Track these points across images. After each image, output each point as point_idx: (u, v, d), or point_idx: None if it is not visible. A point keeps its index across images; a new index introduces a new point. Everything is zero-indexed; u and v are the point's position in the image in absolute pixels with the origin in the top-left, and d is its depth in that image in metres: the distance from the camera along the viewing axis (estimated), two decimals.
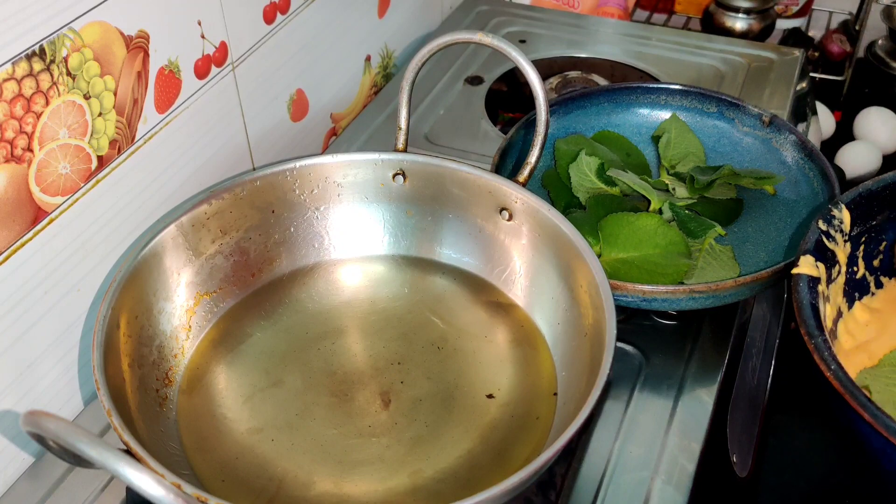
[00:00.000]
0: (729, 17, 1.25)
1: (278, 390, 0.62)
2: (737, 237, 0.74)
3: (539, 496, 0.57)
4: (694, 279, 0.68)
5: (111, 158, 0.63)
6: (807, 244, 0.61)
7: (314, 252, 0.71)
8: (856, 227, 0.65)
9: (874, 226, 0.66)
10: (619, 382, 0.65)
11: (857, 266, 0.66)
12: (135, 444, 0.48)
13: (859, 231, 0.65)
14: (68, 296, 0.62)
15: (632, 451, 0.60)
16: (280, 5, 0.79)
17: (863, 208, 0.65)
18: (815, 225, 0.62)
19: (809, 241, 0.61)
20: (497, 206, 0.67)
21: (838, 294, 0.64)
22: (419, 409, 0.60)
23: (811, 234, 0.62)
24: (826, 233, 0.62)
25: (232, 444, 0.58)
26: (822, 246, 0.62)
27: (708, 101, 0.83)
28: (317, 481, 0.56)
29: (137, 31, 0.63)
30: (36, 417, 0.42)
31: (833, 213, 0.63)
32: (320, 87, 0.89)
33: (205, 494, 0.45)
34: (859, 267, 0.66)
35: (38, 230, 0.58)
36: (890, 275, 0.67)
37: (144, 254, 0.60)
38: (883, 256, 0.67)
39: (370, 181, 0.70)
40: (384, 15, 0.99)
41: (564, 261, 0.62)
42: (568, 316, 0.63)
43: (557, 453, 0.49)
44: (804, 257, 0.60)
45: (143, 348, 0.60)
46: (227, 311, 0.67)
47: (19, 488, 0.60)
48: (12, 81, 0.54)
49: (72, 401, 0.66)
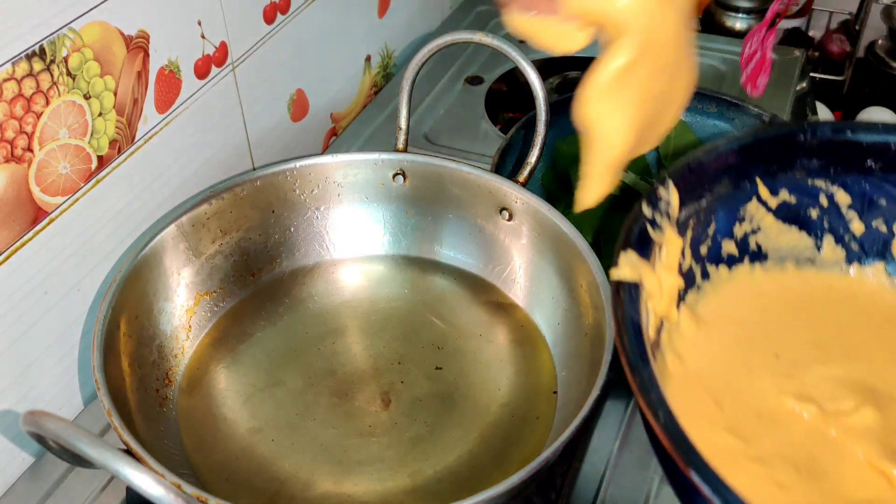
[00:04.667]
0: (729, 16, 1.25)
1: (278, 390, 0.62)
2: None
3: (539, 496, 0.57)
4: None
5: (111, 158, 0.63)
6: (629, 236, 0.48)
7: (314, 252, 0.71)
8: (684, 209, 0.52)
9: (704, 208, 0.54)
10: (619, 382, 0.65)
11: (684, 256, 0.53)
12: (135, 444, 0.48)
13: (687, 214, 0.53)
14: (68, 296, 0.62)
15: (632, 451, 0.60)
16: (280, 5, 0.79)
17: (691, 185, 0.53)
18: (639, 210, 0.49)
19: (632, 231, 0.48)
20: (497, 206, 0.67)
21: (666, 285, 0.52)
22: (419, 409, 0.60)
23: (633, 222, 0.49)
24: (651, 220, 0.50)
25: (232, 444, 0.58)
26: (646, 237, 0.49)
27: (708, 101, 0.83)
28: (317, 481, 0.56)
29: (137, 31, 0.63)
30: (36, 417, 0.43)
31: (659, 192, 0.50)
32: (320, 87, 0.89)
33: (205, 494, 0.45)
34: (685, 256, 0.54)
35: (38, 230, 0.58)
36: (716, 262, 0.56)
37: (144, 254, 0.60)
38: (711, 242, 0.55)
39: (370, 181, 0.70)
40: (384, 15, 0.99)
41: (564, 261, 0.62)
42: (568, 316, 0.63)
43: (557, 453, 0.49)
44: (624, 254, 0.47)
45: (143, 348, 0.60)
46: (227, 311, 0.67)
47: (19, 488, 0.60)
48: (12, 81, 0.54)
49: (72, 401, 0.66)
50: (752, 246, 0.58)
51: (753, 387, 0.51)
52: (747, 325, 0.55)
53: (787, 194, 0.57)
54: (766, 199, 0.57)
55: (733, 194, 0.56)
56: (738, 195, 0.56)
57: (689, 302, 0.55)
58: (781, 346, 0.54)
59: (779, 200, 0.57)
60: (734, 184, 0.55)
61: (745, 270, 0.58)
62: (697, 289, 0.55)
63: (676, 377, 0.51)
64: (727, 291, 0.57)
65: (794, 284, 0.58)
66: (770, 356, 0.53)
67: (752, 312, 0.56)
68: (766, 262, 0.58)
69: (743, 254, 0.57)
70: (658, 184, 0.51)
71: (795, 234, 0.58)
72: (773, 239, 0.58)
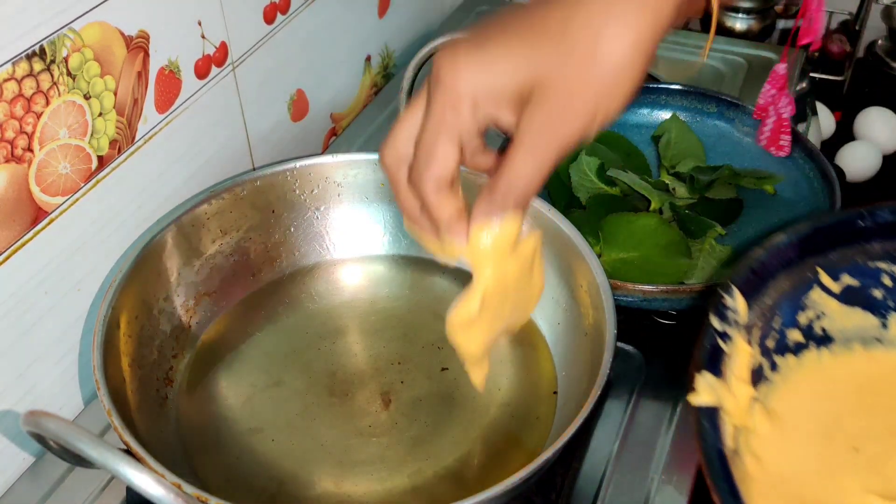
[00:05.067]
0: (729, 17, 1.25)
1: (278, 390, 0.62)
2: (737, 237, 0.74)
3: (539, 496, 0.57)
4: (694, 279, 0.68)
5: (111, 158, 0.63)
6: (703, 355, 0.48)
7: (314, 252, 0.71)
8: (749, 313, 0.52)
9: (768, 305, 0.55)
10: (619, 382, 0.65)
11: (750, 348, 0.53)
12: (135, 444, 0.48)
13: (753, 316, 0.53)
14: (68, 296, 0.62)
15: (632, 451, 0.60)
16: (280, 5, 0.79)
17: (755, 286, 0.53)
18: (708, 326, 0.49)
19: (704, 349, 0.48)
20: None
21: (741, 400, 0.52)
22: (419, 409, 0.60)
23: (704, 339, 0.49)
24: (722, 334, 0.50)
25: (232, 444, 0.58)
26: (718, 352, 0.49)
27: (708, 101, 0.83)
28: (317, 481, 0.56)
29: (137, 31, 0.63)
30: (36, 417, 0.43)
31: (726, 302, 0.51)
32: (320, 87, 0.89)
33: (205, 494, 0.45)
34: (752, 350, 0.54)
35: (38, 230, 0.58)
36: (783, 352, 0.56)
37: (144, 254, 0.60)
38: (777, 335, 0.56)
39: (370, 181, 0.70)
40: (384, 15, 0.99)
41: (564, 261, 0.62)
42: (568, 316, 0.63)
43: (557, 453, 0.49)
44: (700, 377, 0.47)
45: (143, 348, 0.60)
46: (227, 310, 0.67)
47: (19, 488, 0.60)
48: (12, 81, 0.54)
49: (72, 401, 0.66)
50: (818, 331, 0.57)
51: (836, 486, 0.50)
52: (821, 417, 0.54)
53: (849, 278, 0.57)
54: (829, 285, 0.56)
55: (796, 287, 0.56)
56: (801, 287, 0.56)
57: (761, 397, 0.54)
58: (859, 439, 0.53)
59: (841, 286, 0.57)
60: (796, 277, 0.56)
61: (812, 356, 0.57)
62: (767, 382, 0.55)
63: (758, 481, 0.50)
64: (797, 381, 0.56)
65: (863, 366, 0.57)
66: (849, 451, 0.52)
67: (824, 402, 0.56)
68: (832, 345, 0.58)
69: (809, 340, 0.57)
70: (723, 293, 0.51)
71: (860, 314, 0.57)
72: (838, 322, 0.57)
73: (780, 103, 0.75)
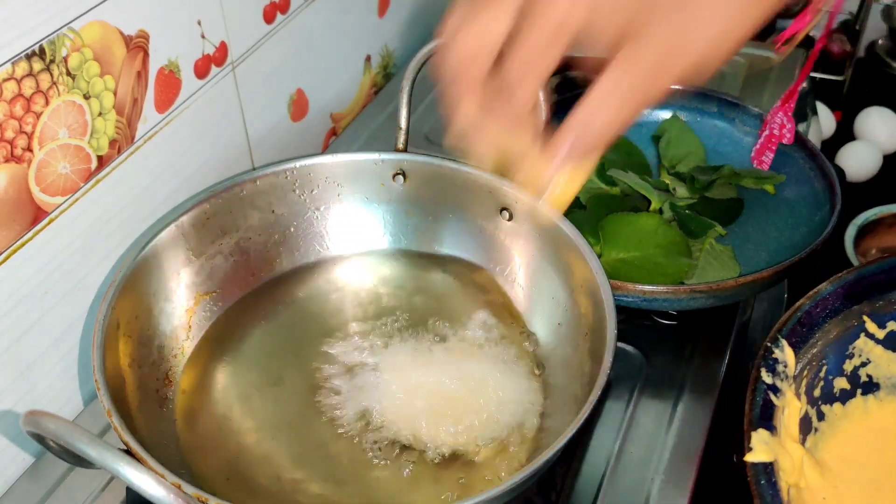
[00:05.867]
0: None
1: (278, 390, 0.62)
2: (737, 237, 0.74)
3: (539, 496, 0.57)
4: (694, 279, 0.68)
5: (111, 158, 0.63)
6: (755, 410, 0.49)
7: (314, 252, 0.71)
8: (798, 363, 0.54)
9: (815, 354, 0.56)
10: (619, 382, 0.65)
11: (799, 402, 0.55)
12: (135, 444, 0.48)
13: (801, 366, 0.54)
14: (68, 296, 0.62)
15: (632, 451, 0.60)
16: (280, 5, 0.79)
17: (802, 337, 0.55)
18: (759, 380, 0.51)
19: (757, 403, 0.49)
20: (497, 206, 0.67)
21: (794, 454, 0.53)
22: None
23: (756, 394, 0.50)
24: (773, 387, 0.51)
25: (232, 444, 0.58)
26: (770, 406, 0.50)
27: (708, 101, 0.83)
28: (317, 481, 0.56)
29: (137, 30, 0.63)
30: (36, 417, 0.43)
31: (775, 355, 0.52)
32: (320, 87, 0.89)
33: (205, 494, 0.45)
34: (801, 402, 0.55)
35: (38, 230, 0.58)
36: (830, 401, 0.58)
37: (144, 254, 0.60)
38: (824, 384, 0.57)
39: (370, 181, 0.70)
40: (384, 15, 0.99)
41: (564, 261, 0.62)
42: (568, 316, 0.63)
43: (557, 453, 0.49)
44: (756, 434, 0.48)
45: (143, 348, 0.59)
46: (227, 311, 0.67)
47: (19, 488, 0.60)
48: (12, 81, 0.54)
49: (72, 401, 0.66)
50: (863, 377, 0.58)
51: None
52: (870, 467, 0.55)
53: (894, 325, 0.58)
54: (874, 332, 0.57)
55: (842, 335, 0.57)
56: (847, 335, 0.57)
57: (809, 447, 0.55)
58: None
59: (886, 331, 0.57)
60: (842, 325, 0.57)
61: (858, 404, 0.58)
62: (815, 432, 0.56)
63: None
64: (844, 429, 0.57)
65: None
66: None
67: (872, 451, 0.56)
68: (878, 392, 0.59)
69: (855, 387, 0.58)
70: (772, 346, 0.53)
71: None
72: (884, 368, 0.58)
73: (775, 120, 0.75)
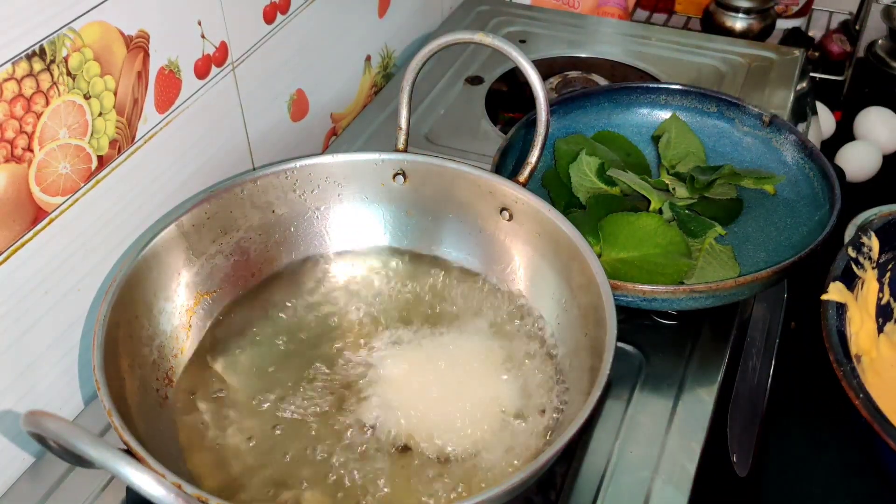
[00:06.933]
0: (729, 16, 1.25)
1: (278, 390, 0.62)
2: (737, 237, 0.74)
3: (539, 496, 0.57)
4: (694, 279, 0.68)
5: (111, 158, 0.63)
6: (836, 270, 0.63)
7: (314, 252, 0.71)
8: (883, 255, 0.67)
9: None
10: (619, 382, 0.65)
11: (883, 292, 0.68)
12: (135, 444, 0.48)
13: (886, 258, 0.67)
14: (68, 296, 0.62)
15: (632, 451, 0.60)
16: (280, 5, 0.79)
17: (891, 235, 0.67)
18: (845, 251, 0.64)
19: (838, 267, 0.63)
20: (497, 206, 0.67)
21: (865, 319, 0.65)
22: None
23: (840, 260, 0.64)
24: (855, 259, 0.64)
25: (232, 445, 0.58)
26: (851, 273, 0.64)
27: (708, 101, 0.83)
28: (317, 481, 0.56)
29: (137, 31, 0.63)
30: (36, 417, 0.42)
31: (863, 240, 0.66)
32: (320, 87, 0.89)
33: (205, 494, 0.45)
34: (884, 293, 0.68)
35: (38, 230, 0.58)
36: None
37: (144, 254, 0.60)
38: None
39: (370, 181, 0.70)
40: (384, 15, 0.99)
41: (564, 261, 0.62)
42: (568, 316, 0.63)
43: (558, 453, 0.49)
44: (834, 284, 0.62)
45: (143, 348, 0.60)
46: (227, 311, 0.67)
47: (19, 488, 0.60)
48: (12, 81, 0.54)
49: (72, 401, 0.66)
50: None
51: None
52: None
53: None
54: None
55: None
56: None
57: (888, 332, 0.68)
58: None
59: None
60: None
61: None
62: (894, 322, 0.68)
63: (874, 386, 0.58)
64: None
65: None
66: None
67: None
68: None
69: None
70: (861, 234, 0.66)
71: None
72: None
73: None
